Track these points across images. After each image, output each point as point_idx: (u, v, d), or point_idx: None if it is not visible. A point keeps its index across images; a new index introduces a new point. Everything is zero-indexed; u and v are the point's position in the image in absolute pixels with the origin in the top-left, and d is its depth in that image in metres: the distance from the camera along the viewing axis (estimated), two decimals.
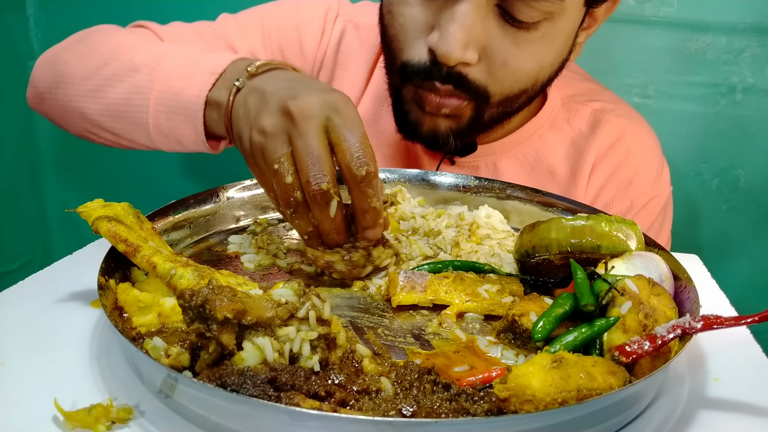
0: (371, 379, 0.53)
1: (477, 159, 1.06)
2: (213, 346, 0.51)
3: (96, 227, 0.66)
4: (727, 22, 1.34)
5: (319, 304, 0.54)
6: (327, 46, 1.10)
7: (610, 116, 1.07)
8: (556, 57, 0.90)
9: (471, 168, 1.07)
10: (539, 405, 0.47)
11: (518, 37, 0.84)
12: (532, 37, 0.85)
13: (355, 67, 1.10)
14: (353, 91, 1.10)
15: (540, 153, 1.07)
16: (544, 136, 1.07)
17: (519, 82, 0.89)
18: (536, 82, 0.91)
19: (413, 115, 0.92)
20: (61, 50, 0.96)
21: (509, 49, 0.85)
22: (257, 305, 0.52)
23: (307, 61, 1.10)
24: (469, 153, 1.04)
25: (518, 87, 0.89)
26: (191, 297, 0.51)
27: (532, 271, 0.74)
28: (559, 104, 1.08)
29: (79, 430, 0.48)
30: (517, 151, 1.07)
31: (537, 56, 0.87)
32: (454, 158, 1.07)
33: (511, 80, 0.88)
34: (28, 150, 1.65)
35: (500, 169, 1.07)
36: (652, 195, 1.06)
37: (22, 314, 0.65)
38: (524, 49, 0.85)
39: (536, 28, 0.84)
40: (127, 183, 1.70)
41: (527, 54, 0.86)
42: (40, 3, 1.58)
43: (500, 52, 0.85)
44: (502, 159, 1.07)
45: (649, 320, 0.57)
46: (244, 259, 0.78)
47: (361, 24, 1.10)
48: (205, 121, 0.80)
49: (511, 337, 0.63)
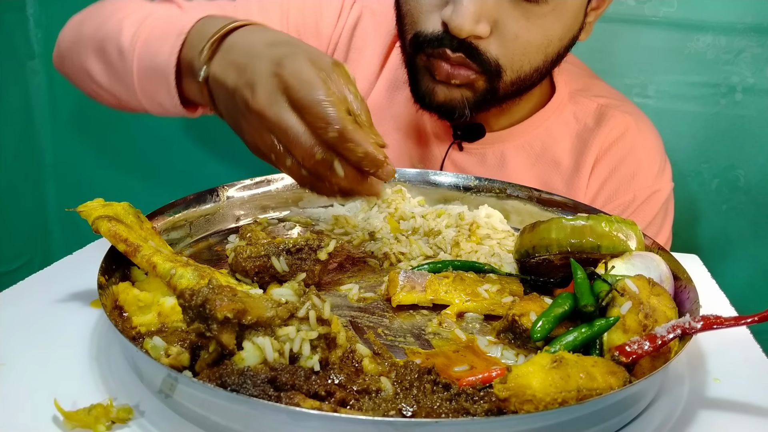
0: (371, 378, 0.53)
1: (485, 147, 1.09)
2: (213, 346, 0.51)
3: (96, 227, 0.66)
4: (727, 22, 1.34)
5: (319, 304, 0.54)
6: (342, 29, 1.12)
7: (615, 112, 1.09)
8: (566, 32, 0.93)
9: (478, 155, 1.09)
10: (539, 405, 0.47)
11: (529, 11, 0.87)
12: (543, 11, 0.88)
13: (370, 52, 1.13)
14: (367, 75, 1.13)
15: (546, 144, 1.09)
16: (550, 128, 1.09)
17: (529, 56, 0.91)
18: (546, 57, 0.93)
19: (425, 84, 0.95)
20: (85, 11, 1.00)
21: (520, 23, 0.88)
22: (257, 305, 0.52)
23: (322, 42, 1.12)
24: (478, 138, 1.06)
25: (528, 61, 0.92)
26: (191, 297, 0.51)
27: (532, 271, 0.74)
28: (566, 98, 1.11)
29: (79, 430, 0.48)
30: (524, 140, 1.09)
31: (547, 30, 0.90)
32: (462, 144, 1.09)
33: (521, 54, 0.91)
34: (28, 150, 1.65)
35: (507, 157, 1.09)
36: (655, 188, 1.07)
37: (22, 314, 0.65)
38: (534, 22, 0.88)
39: (546, 2, 0.87)
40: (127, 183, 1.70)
41: (537, 27, 0.89)
42: (40, 3, 1.58)
43: (512, 26, 0.88)
44: (509, 147, 1.09)
45: (649, 320, 0.57)
46: None
47: (378, 11, 1.13)
48: (182, 86, 0.80)
49: (511, 337, 0.63)
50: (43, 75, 1.62)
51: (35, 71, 1.61)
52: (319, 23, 1.11)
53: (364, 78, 1.13)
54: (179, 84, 0.80)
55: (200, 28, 0.78)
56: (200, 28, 0.78)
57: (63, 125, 1.66)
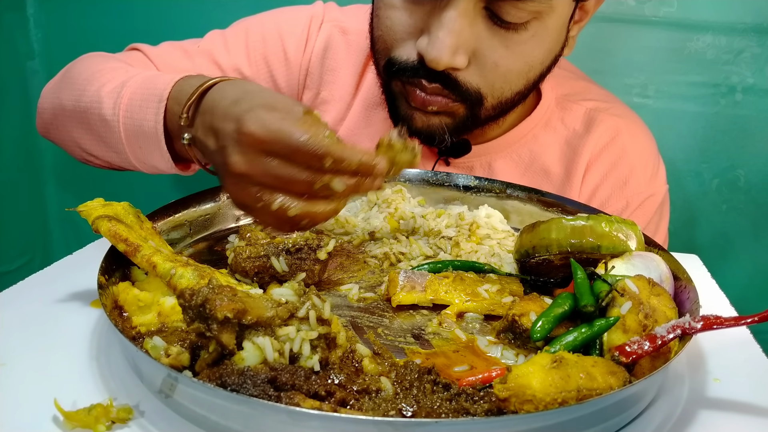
0: (371, 378, 0.53)
1: (472, 159, 1.06)
2: (213, 346, 0.51)
3: (96, 226, 0.66)
4: (727, 22, 1.34)
5: (319, 304, 0.54)
6: (312, 53, 1.09)
7: (605, 115, 1.07)
8: (547, 54, 0.90)
9: (466, 168, 1.07)
10: (539, 405, 0.47)
11: (508, 39, 0.84)
12: (522, 38, 0.85)
13: (345, 71, 1.10)
14: (343, 95, 1.10)
15: (534, 152, 1.07)
16: (538, 136, 1.07)
17: (510, 83, 0.89)
18: (528, 81, 0.91)
19: (403, 110, 0.93)
20: (57, 80, 0.98)
21: (499, 51, 0.85)
22: (257, 305, 0.52)
23: (292, 70, 1.09)
24: (464, 154, 1.04)
25: (509, 87, 0.90)
26: (191, 296, 0.51)
27: (532, 271, 0.74)
28: (553, 103, 1.08)
29: (79, 430, 0.48)
30: (511, 150, 1.07)
31: (527, 56, 0.87)
32: (449, 159, 1.07)
33: (502, 81, 0.88)
34: (28, 150, 1.65)
35: (495, 169, 1.07)
36: (648, 194, 1.06)
37: (22, 314, 0.65)
38: (514, 50, 0.85)
39: (525, 28, 0.84)
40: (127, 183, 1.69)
41: (517, 54, 0.86)
42: (40, 3, 1.58)
43: (491, 55, 0.85)
44: (496, 159, 1.07)
45: (649, 320, 0.57)
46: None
47: (349, 29, 1.10)
48: (173, 147, 0.80)
49: (511, 337, 0.63)
50: (43, 75, 1.62)
51: (35, 71, 1.61)
52: (287, 50, 1.08)
53: (340, 99, 1.10)
54: (170, 146, 0.80)
55: (176, 93, 0.77)
56: (176, 93, 0.77)
57: None
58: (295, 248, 0.70)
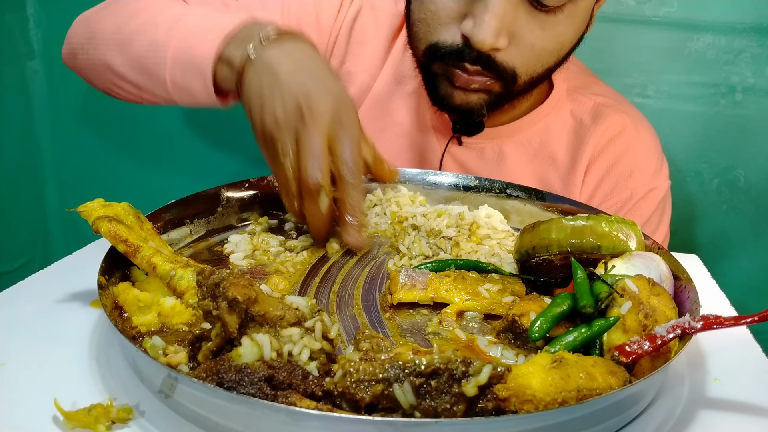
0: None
1: (483, 141, 1.10)
2: (217, 330, 0.51)
3: (96, 227, 0.66)
4: (727, 22, 1.34)
5: (328, 323, 0.54)
6: (342, 22, 1.14)
7: (612, 111, 1.10)
8: (576, 33, 0.95)
9: (477, 150, 1.11)
10: (539, 405, 0.47)
11: (544, 21, 0.89)
12: (557, 19, 0.90)
13: (371, 47, 1.14)
14: (369, 68, 1.14)
15: (544, 140, 1.10)
16: (548, 124, 1.11)
17: (543, 61, 0.94)
18: (558, 58, 0.96)
19: (443, 89, 0.97)
20: (96, 10, 1.02)
21: (536, 33, 0.90)
22: (269, 302, 0.53)
23: (322, 35, 1.14)
24: (477, 132, 1.08)
25: (541, 65, 0.95)
26: (210, 275, 0.53)
27: (532, 271, 0.74)
28: (564, 94, 1.12)
29: (79, 430, 0.48)
30: (522, 136, 1.10)
31: (561, 37, 0.92)
32: (461, 138, 1.10)
33: (535, 60, 0.93)
34: (28, 150, 1.65)
35: (505, 152, 1.10)
36: (652, 186, 1.08)
37: (22, 314, 0.65)
38: (549, 31, 0.90)
39: (561, 10, 0.89)
40: (127, 183, 1.70)
41: (552, 36, 0.91)
42: (40, 3, 1.57)
43: (528, 36, 0.90)
44: (507, 143, 1.10)
45: (649, 320, 0.57)
46: (233, 258, 0.79)
47: (378, 6, 1.14)
48: (216, 78, 0.85)
49: (511, 337, 0.63)
50: (43, 75, 1.62)
51: (35, 71, 1.61)
52: (319, 15, 1.13)
53: (365, 72, 1.14)
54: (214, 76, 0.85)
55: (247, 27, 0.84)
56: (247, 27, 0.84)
57: (63, 125, 1.66)
58: (430, 370, 0.47)
